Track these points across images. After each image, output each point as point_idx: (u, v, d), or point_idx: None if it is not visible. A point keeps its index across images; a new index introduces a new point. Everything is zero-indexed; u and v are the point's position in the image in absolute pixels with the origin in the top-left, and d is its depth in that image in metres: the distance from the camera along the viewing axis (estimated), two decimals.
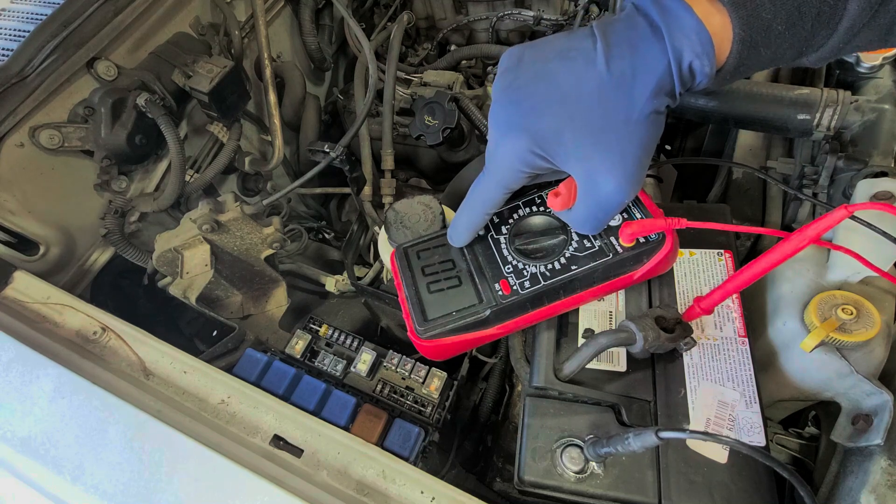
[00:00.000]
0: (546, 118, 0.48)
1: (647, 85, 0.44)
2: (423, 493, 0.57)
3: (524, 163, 0.51)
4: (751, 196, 0.97)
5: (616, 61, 0.44)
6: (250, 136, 1.23)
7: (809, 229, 0.48)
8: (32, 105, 0.85)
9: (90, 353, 0.68)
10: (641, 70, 0.44)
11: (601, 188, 0.49)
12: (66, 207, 0.93)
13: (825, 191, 0.78)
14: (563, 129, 0.48)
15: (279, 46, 1.29)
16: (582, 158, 0.48)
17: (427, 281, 0.63)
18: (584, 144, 0.47)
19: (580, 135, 0.47)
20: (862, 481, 0.58)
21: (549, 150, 0.49)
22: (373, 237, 1.13)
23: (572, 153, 0.48)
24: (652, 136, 0.47)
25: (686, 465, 0.58)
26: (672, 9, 0.42)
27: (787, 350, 0.70)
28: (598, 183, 0.49)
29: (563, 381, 0.63)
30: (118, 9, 0.91)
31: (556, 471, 0.59)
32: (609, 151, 0.47)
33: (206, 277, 0.90)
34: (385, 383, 0.80)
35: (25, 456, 0.59)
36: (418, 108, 1.00)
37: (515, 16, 1.24)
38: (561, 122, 0.48)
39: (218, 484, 0.55)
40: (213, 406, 0.64)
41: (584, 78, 0.46)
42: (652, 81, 0.44)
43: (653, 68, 0.43)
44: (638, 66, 0.44)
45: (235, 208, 0.91)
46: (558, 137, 0.48)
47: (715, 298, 0.57)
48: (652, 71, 0.43)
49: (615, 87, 0.45)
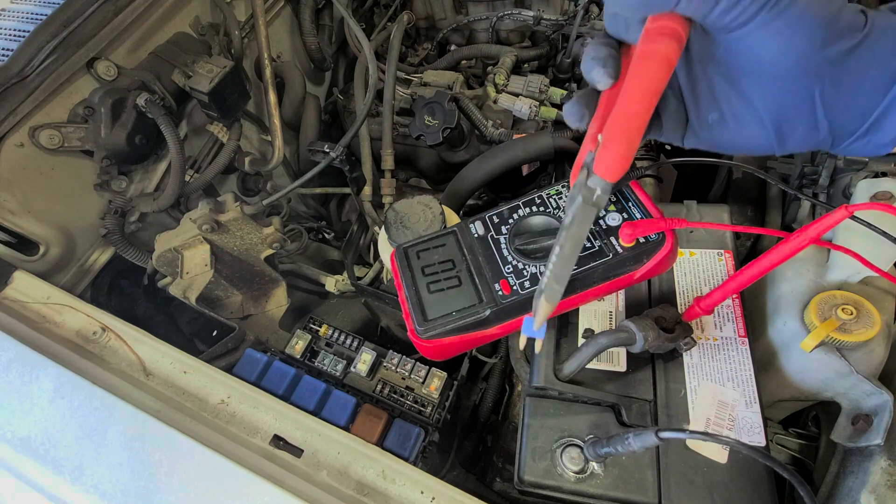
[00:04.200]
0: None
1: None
2: (423, 493, 0.57)
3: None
4: (751, 196, 0.97)
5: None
6: (250, 136, 1.23)
7: (809, 229, 0.48)
8: (32, 105, 0.85)
9: (90, 353, 0.68)
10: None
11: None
12: (66, 207, 0.93)
13: (825, 191, 0.78)
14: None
15: (279, 46, 1.29)
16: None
17: (427, 281, 0.63)
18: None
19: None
20: (862, 481, 0.58)
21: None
22: (373, 237, 1.13)
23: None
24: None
25: (686, 465, 0.58)
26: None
27: (787, 350, 0.69)
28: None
29: (563, 381, 0.63)
30: (118, 9, 0.91)
31: (556, 471, 0.59)
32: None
33: (206, 277, 0.90)
34: (385, 383, 0.80)
35: (25, 456, 0.59)
36: (418, 108, 1.00)
37: (515, 16, 1.24)
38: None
39: (218, 484, 0.55)
40: (213, 406, 0.64)
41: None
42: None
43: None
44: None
45: (235, 208, 0.91)
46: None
47: (715, 298, 0.57)
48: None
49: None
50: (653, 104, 0.38)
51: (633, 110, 0.37)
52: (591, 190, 0.42)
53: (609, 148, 0.39)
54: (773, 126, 0.38)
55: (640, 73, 0.37)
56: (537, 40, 1.32)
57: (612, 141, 0.38)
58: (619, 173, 0.40)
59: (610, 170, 0.39)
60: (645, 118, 0.38)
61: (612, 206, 0.65)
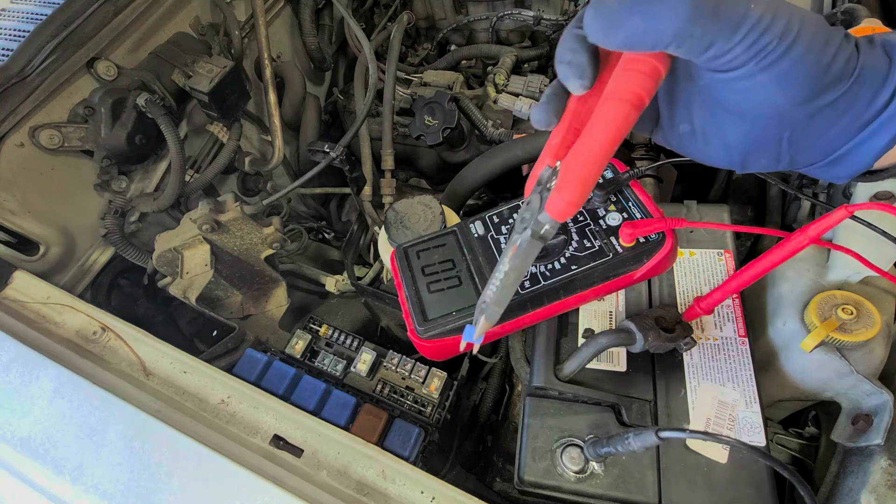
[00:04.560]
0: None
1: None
2: (423, 493, 0.57)
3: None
4: (751, 196, 0.97)
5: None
6: (250, 136, 1.23)
7: (809, 229, 0.48)
8: (32, 105, 0.85)
9: (90, 353, 0.68)
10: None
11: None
12: (66, 207, 0.93)
13: (825, 191, 0.78)
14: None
15: (279, 46, 1.29)
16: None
17: (427, 281, 0.63)
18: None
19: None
20: (862, 481, 0.58)
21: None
22: (373, 237, 1.13)
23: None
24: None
25: (686, 465, 0.58)
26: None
27: (787, 350, 0.70)
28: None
29: (563, 381, 0.63)
30: (118, 9, 0.91)
31: (556, 471, 0.59)
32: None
33: (206, 277, 0.90)
34: (385, 383, 0.80)
35: (25, 456, 0.59)
36: (418, 108, 1.00)
37: (515, 16, 1.24)
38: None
39: (218, 484, 0.55)
40: (213, 406, 0.64)
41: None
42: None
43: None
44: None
45: (235, 208, 0.91)
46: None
47: (715, 298, 0.57)
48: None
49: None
50: (615, 147, 0.36)
51: (595, 155, 0.36)
52: (540, 224, 0.41)
53: (564, 191, 0.38)
54: (738, 154, 0.39)
55: (608, 116, 0.35)
56: (537, 40, 1.32)
57: (567, 187, 0.37)
58: (570, 215, 0.39)
59: (561, 213, 0.39)
60: (605, 162, 0.37)
61: (612, 206, 0.65)
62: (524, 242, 0.43)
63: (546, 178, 0.41)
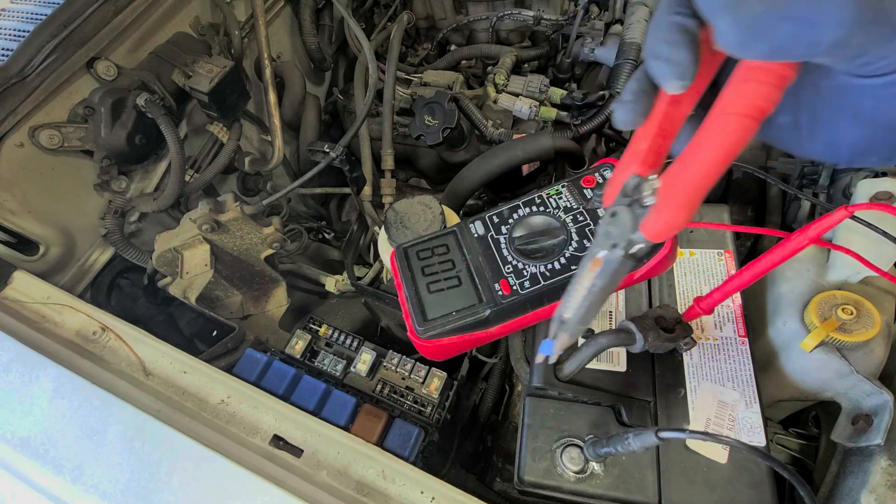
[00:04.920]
0: None
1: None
2: (423, 493, 0.57)
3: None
4: (751, 196, 0.97)
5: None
6: (250, 136, 1.23)
7: (809, 229, 0.48)
8: (32, 105, 0.85)
9: (90, 353, 0.68)
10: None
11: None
12: (66, 207, 0.93)
13: (825, 191, 0.78)
14: None
15: (279, 46, 1.29)
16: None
17: (427, 281, 0.63)
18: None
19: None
20: (862, 481, 0.58)
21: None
22: (373, 237, 1.13)
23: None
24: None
25: (686, 465, 0.58)
26: None
27: (787, 350, 0.69)
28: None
29: (563, 382, 0.63)
30: (118, 9, 0.91)
31: (556, 471, 0.59)
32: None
33: (206, 277, 0.90)
34: (385, 383, 0.80)
35: (25, 456, 0.59)
36: (418, 108, 1.00)
37: (515, 16, 1.24)
38: None
39: (218, 484, 0.55)
40: (212, 406, 0.64)
41: None
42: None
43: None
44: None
45: (235, 208, 0.91)
46: None
47: (715, 298, 0.57)
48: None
49: None
50: (724, 170, 0.32)
51: (705, 176, 0.32)
52: (633, 243, 0.37)
53: (666, 214, 0.34)
54: (847, 154, 0.34)
55: (726, 132, 0.31)
56: (537, 40, 1.32)
57: (670, 210, 0.33)
58: (668, 237, 0.35)
59: (659, 236, 0.35)
60: (711, 184, 0.32)
61: None
62: (614, 261, 0.39)
63: (632, 187, 0.37)
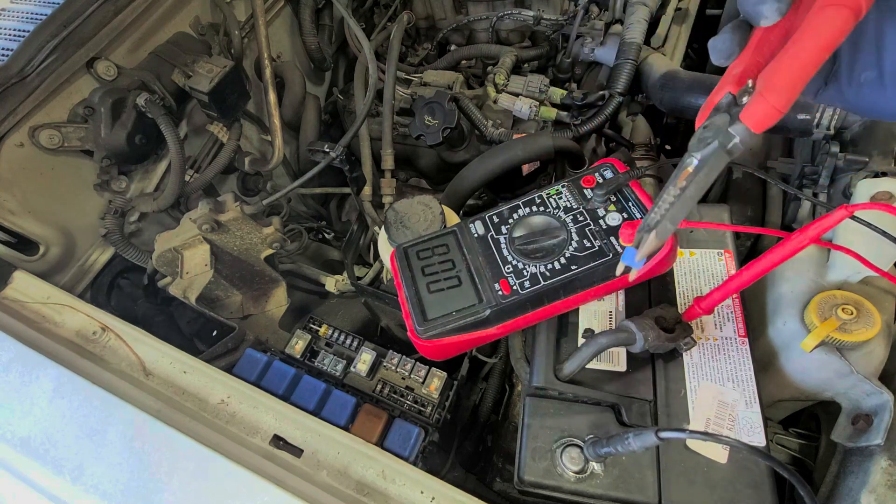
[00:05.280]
0: None
1: None
2: (423, 493, 0.57)
3: None
4: (751, 196, 0.97)
5: None
6: (250, 136, 1.23)
7: (809, 229, 0.48)
8: (32, 105, 0.85)
9: (90, 353, 0.68)
10: None
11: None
12: (66, 207, 0.93)
13: (825, 191, 0.78)
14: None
15: (279, 46, 1.29)
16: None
17: (427, 281, 0.63)
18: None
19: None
20: (862, 481, 0.58)
21: None
22: (373, 237, 1.13)
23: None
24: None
25: (686, 465, 0.58)
26: None
27: (787, 350, 0.69)
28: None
29: (563, 381, 0.63)
30: (118, 9, 0.91)
31: (556, 471, 0.59)
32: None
33: (206, 277, 0.90)
34: (385, 383, 0.80)
35: (25, 456, 0.59)
36: (418, 108, 1.00)
37: (515, 16, 1.24)
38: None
39: (218, 484, 0.55)
40: (212, 406, 0.64)
41: None
42: None
43: None
44: None
45: (235, 208, 0.91)
46: None
47: (715, 298, 0.57)
48: None
49: None
50: (826, 56, 0.33)
51: (804, 62, 0.33)
52: (730, 136, 0.39)
53: (766, 98, 0.35)
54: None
55: (824, 22, 0.32)
56: (537, 40, 1.32)
57: (772, 92, 0.35)
58: (769, 126, 0.37)
59: (761, 122, 0.36)
60: (812, 72, 0.34)
61: (612, 206, 0.65)
62: (709, 155, 0.41)
63: (726, 104, 0.39)
